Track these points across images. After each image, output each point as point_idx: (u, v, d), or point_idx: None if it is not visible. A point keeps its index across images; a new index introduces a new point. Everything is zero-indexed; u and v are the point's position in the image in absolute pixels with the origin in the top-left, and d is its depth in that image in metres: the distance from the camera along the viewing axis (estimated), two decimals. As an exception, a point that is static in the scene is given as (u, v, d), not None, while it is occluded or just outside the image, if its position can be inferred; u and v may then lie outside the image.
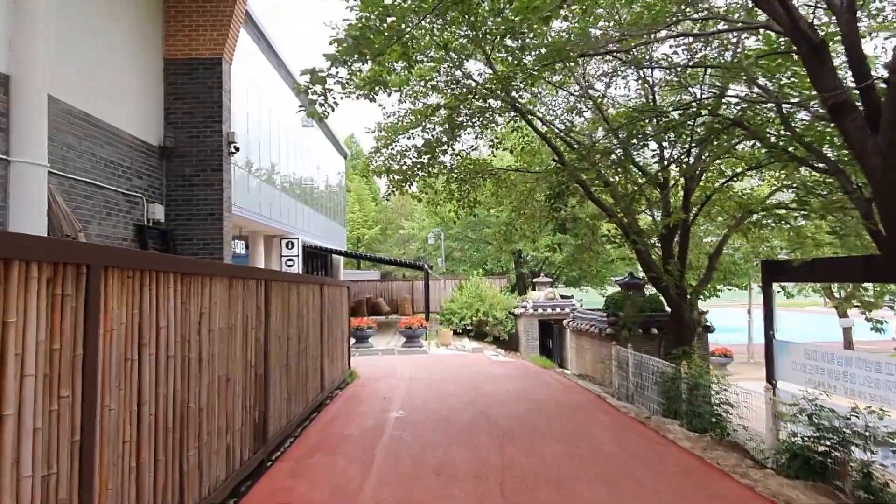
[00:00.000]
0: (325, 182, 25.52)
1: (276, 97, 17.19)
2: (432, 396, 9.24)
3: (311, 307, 8.23)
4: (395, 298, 32.58)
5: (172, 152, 9.10)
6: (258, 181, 15.67)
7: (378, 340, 19.36)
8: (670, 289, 9.99)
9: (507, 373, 11.97)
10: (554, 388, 9.93)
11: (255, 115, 15.19)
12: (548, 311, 20.56)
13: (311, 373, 8.12)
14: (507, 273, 31.38)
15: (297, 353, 7.26)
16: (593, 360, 13.12)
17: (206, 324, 4.34)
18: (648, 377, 10.18)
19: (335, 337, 10.31)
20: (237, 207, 14.02)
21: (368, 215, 39.70)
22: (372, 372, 12.39)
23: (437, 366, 13.43)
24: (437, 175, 12.16)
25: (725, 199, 10.60)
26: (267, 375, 5.89)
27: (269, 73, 16.31)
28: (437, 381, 10.86)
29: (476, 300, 21.18)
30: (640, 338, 11.83)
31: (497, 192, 13.56)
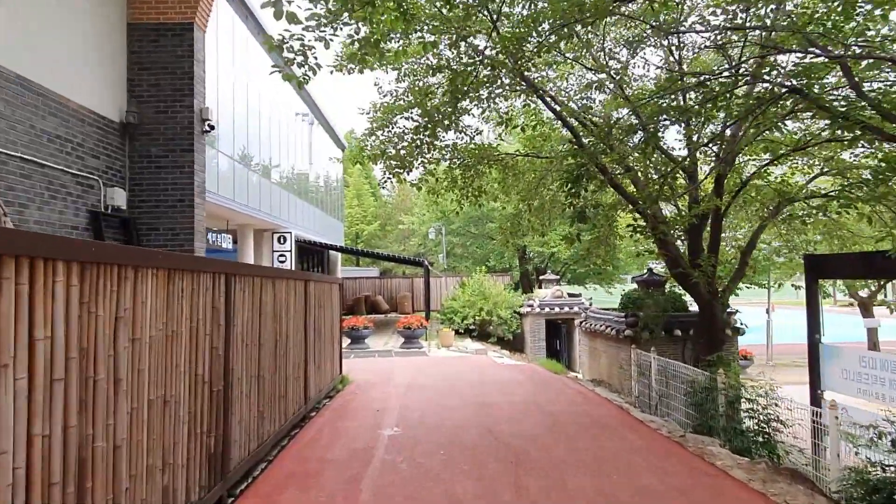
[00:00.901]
0: (321, 175, 24.40)
1: (267, 81, 16.05)
2: (432, 409, 8.13)
3: (293, 307, 7.12)
4: (394, 296, 31.49)
5: (137, 129, 7.98)
6: (245, 169, 14.55)
7: (375, 341, 18.25)
8: (701, 286, 8.86)
9: (515, 378, 10.86)
10: (569, 398, 8.82)
11: (243, 97, 14.05)
12: (555, 310, 19.44)
13: (292, 383, 7.01)
14: (510, 270, 30.26)
15: (272, 361, 6.15)
16: (609, 365, 12.01)
17: (128, 332, 3.22)
18: (675, 385, 9.07)
19: (324, 339, 9.21)
20: (222, 198, 12.91)
21: (368, 211, 38.57)
22: (366, 377, 11.29)
23: (438, 370, 12.33)
24: (438, 161, 11.04)
25: (761, 186, 9.48)
26: (228, 391, 4.78)
27: (258, 52, 15.17)
28: (438, 389, 9.75)
29: (479, 298, 20.06)
30: (662, 340, 10.72)
31: (503, 181, 12.43)
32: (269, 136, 16.55)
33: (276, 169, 17.27)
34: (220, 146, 12.73)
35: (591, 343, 13.14)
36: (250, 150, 15.11)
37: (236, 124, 13.79)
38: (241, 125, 14.17)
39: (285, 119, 18.28)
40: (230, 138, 13.50)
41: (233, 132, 13.57)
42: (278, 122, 17.65)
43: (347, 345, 16.82)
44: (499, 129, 11.80)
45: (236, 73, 13.70)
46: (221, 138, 12.75)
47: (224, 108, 12.88)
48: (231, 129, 13.49)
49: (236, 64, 13.71)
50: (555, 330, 20.08)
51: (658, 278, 12.11)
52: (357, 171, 39.43)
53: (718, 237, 9.36)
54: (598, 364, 12.63)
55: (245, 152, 14.65)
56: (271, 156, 16.83)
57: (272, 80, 16.84)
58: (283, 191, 18.25)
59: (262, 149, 15.93)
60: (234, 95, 13.63)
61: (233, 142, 13.59)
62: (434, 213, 29.19)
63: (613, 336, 11.39)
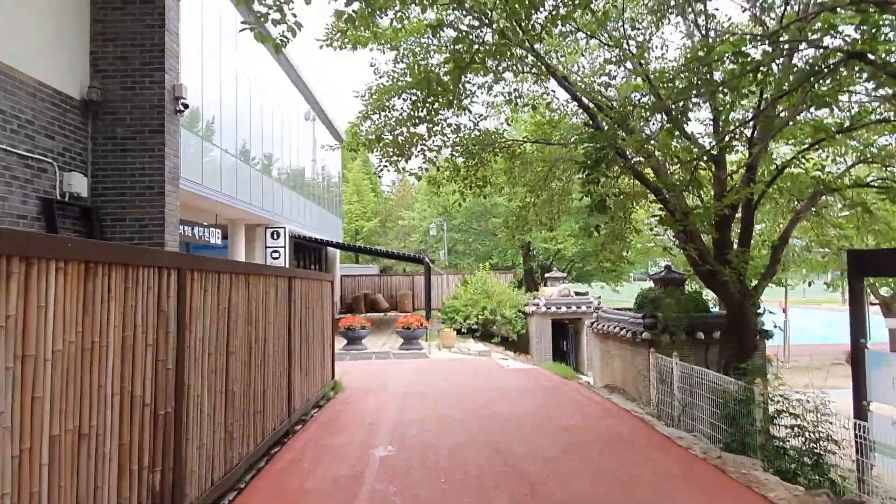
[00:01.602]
0: (318, 169, 23.51)
1: (260, 65, 15.13)
2: (431, 422, 7.25)
3: (274, 307, 6.25)
4: (394, 294, 30.62)
5: (100, 108, 7.09)
6: (235, 160, 13.67)
7: (373, 341, 17.38)
8: (731, 285, 7.97)
9: (523, 385, 9.98)
10: (585, 409, 7.94)
11: (232, 82, 13.17)
12: (562, 309, 18.56)
13: (272, 396, 6.14)
14: (514, 268, 29.38)
15: (245, 372, 5.27)
16: (623, 370, 11.12)
17: (11, 347, 2.36)
18: (701, 395, 8.19)
19: (313, 343, 8.34)
20: (208, 189, 12.03)
21: (367, 207, 37.66)
22: (361, 382, 10.41)
23: (438, 374, 11.45)
24: (439, 149, 10.15)
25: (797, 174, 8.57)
26: (182, 413, 3.91)
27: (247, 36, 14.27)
28: (438, 397, 8.87)
29: (482, 297, 19.18)
30: (683, 344, 9.83)
31: (509, 171, 11.54)
32: (261, 124, 15.67)
33: (269, 161, 16.39)
34: (208, 134, 11.85)
35: (603, 346, 12.26)
36: (241, 140, 14.24)
37: (224, 111, 12.91)
38: (230, 113, 13.29)
39: (280, 110, 17.38)
40: (219, 126, 12.63)
41: (220, 119, 12.69)
42: (271, 113, 16.76)
43: (343, 346, 15.96)
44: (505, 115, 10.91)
45: (223, 54, 12.82)
46: (208, 126, 11.87)
47: (210, 93, 12.01)
48: (219, 116, 12.62)
49: (223, 43, 12.82)
50: (561, 330, 19.21)
51: (677, 276, 11.21)
52: (357, 166, 38.53)
53: (750, 230, 8.47)
54: (612, 368, 11.74)
55: (236, 142, 13.77)
56: (264, 146, 15.95)
57: (266, 66, 15.94)
58: (277, 184, 17.37)
59: (254, 139, 15.05)
60: (222, 80, 12.75)
61: (220, 129, 12.71)
62: (435, 209, 28.29)
63: (629, 339, 10.50)
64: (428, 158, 9.99)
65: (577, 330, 19.01)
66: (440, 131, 9.67)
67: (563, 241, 23.36)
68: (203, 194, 11.65)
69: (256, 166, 15.44)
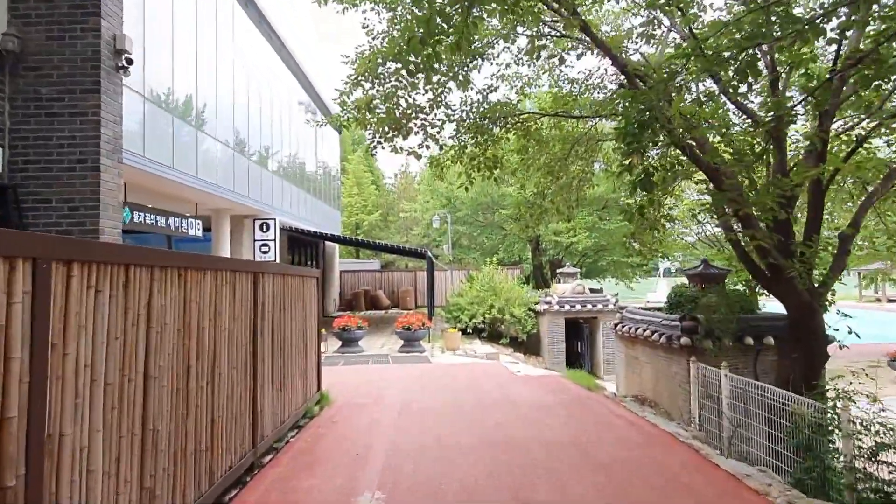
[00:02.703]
0: (313, 157, 22.10)
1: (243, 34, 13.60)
2: (432, 452, 5.85)
3: (230, 312, 4.87)
4: (396, 291, 29.23)
5: (19, 61, 5.69)
6: (214, 141, 12.26)
7: (371, 342, 16.00)
8: (799, 282, 6.52)
9: (540, 398, 8.57)
10: (620, 434, 6.52)
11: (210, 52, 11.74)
12: (576, 307, 17.13)
13: (227, 425, 4.74)
14: (521, 263, 27.94)
15: (180, 401, 3.89)
16: (655, 379, 9.69)
17: None
18: (759, 415, 6.77)
19: (291, 352, 6.95)
20: (181, 174, 10.64)
21: (368, 199, 36.21)
22: (352, 393, 9.03)
23: (442, 383, 10.06)
24: (443, 123, 8.73)
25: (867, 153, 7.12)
26: (42, 483, 2.52)
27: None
28: (441, 415, 7.47)
29: (489, 294, 17.75)
30: (730, 351, 8.40)
31: (523, 151, 10.10)
32: (246, 105, 14.25)
33: (257, 147, 14.98)
34: (182, 111, 10.44)
35: (629, 350, 10.83)
36: (223, 121, 12.84)
37: (202, 87, 11.50)
38: (208, 88, 11.87)
39: (270, 91, 15.93)
40: (196, 103, 11.23)
41: (195, 95, 11.29)
42: (259, 93, 15.33)
43: (337, 348, 14.58)
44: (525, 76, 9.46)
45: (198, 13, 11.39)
46: (184, 103, 10.41)
47: (183, 60, 10.59)
48: (196, 91, 11.21)
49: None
50: (575, 330, 17.78)
51: (716, 271, 9.76)
52: (357, 157, 37.08)
53: (820, 216, 7.03)
54: (640, 377, 10.31)
55: (216, 123, 12.37)
56: (250, 129, 14.53)
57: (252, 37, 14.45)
58: (267, 172, 15.97)
59: (239, 120, 13.64)
60: (199, 43, 11.33)
61: (197, 107, 11.31)
62: (438, 200, 26.82)
63: (663, 344, 9.07)
64: (429, 135, 8.57)
65: (593, 330, 17.58)
66: (442, 101, 8.25)
67: (577, 233, 21.89)
68: (176, 179, 10.26)
69: (242, 151, 14.04)
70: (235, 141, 13.56)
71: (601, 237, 22.75)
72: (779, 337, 8.51)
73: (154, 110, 9.64)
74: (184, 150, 10.75)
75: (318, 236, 21.00)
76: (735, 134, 7.12)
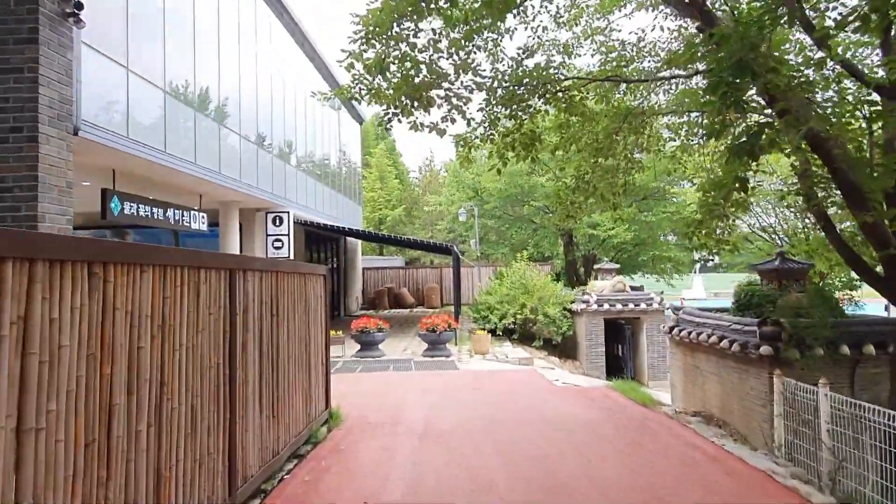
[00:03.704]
0: (333, 149, 20.96)
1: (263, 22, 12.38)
2: (461, 499, 4.53)
3: (194, 322, 3.65)
4: (421, 288, 28.00)
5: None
6: (213, 123, 11.11)
7: (392, 345, 14.76)
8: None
9: (588, 417, 7.19)
10: (700, 472, 5.12)
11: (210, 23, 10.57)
12: (616, 307, 15.63)
13: (189, 476, 3.50)
14: (552, 259, 26.44)
15: (100, 456, 2.65)
16: (723, 394, 8.22)
17: None
18: (875, 447, 5.30)
19: (289, 367, 5.71)
20: (180, 160, 9.51)
21: (392, 194, 35.01)
22: (367, 409, 7.78)
23: (471, 396, 8.75)
24: (471, 91, 7.39)
25: None
26: None
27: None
28: (472, 444, 6.15)
29: (521, 292, 16.36)
30: (821, 362, 6.91)
31: (564, 128, 8.70)
32: (254, 92, 13.09)
33: (267, 132, 13.82)
34: (175, 91, 9.28)
35: (689, 359, 9.36)
36: (227, 104, 11.70)
37: (200, 64, 10.36)
38: (209, 68, 10.72)
39: (281, 73, 14.76)
40: (194, 82, 10.08)
41: (193, 73, 10.14)
42: (269, 74, 14.18)
43: (356, 352, 13.37)
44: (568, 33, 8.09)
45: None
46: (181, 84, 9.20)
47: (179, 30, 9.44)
48: (193, 68, 10.07)
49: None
50: (615, 332, 16.27)
51: (797, 266, 8.23)
52: (380, 150, 35.91)
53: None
54: (703, 390, 8.84)
55: (219, 99, 11.23)
56: (260, 114, 13.38)
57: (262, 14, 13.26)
58: (279, 160, 14.82)
59: (246, 104, 12.48)
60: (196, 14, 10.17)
61: (196, 86, 10.17)
62: (465, 192, 25.41)
63: (735, 353, 7.60)
64: (454, 106, 7.23)
65: (636, 332, 16.06)
66: (470, 65, 6.89)
67: (617, 225, 20.30)
68: (171, 166, 9.13)
69: (252, 139, 12.90)
70: (242, 125, 12.41)
71: (640, 230, 21.13)
72: (880, 345, 6.99)
73: (141, 85, 8.51)
74: (179, 133, 9.61)
75: (338, 231, 19.86)
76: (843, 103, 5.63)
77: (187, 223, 11.38)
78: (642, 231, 21.07)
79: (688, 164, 9.68)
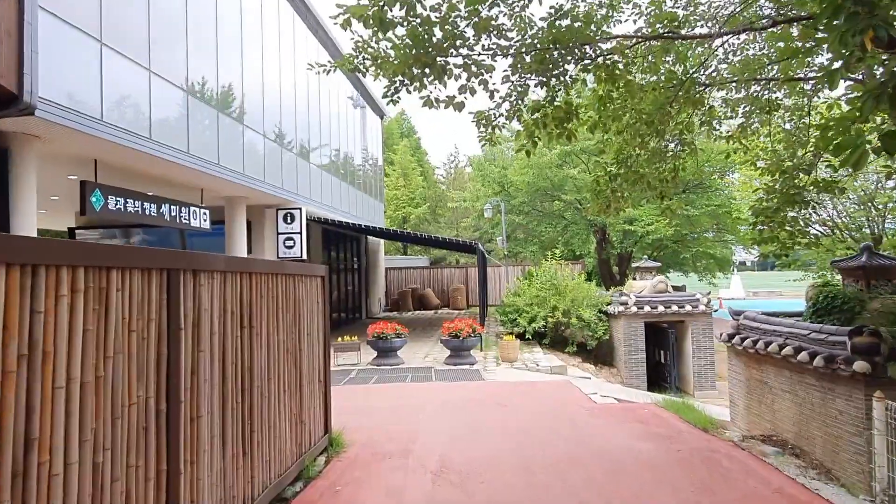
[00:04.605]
0: (351, 143, 19.96)
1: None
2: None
3: (97, 345, 2.56)
4: (446, 289, 26.89)
5: None
6: (213, 112, 10.15)
7: (413, 351, 13.65)
8: None
9: (641, 450, 5.94)
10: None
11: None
12: (658, 308, 14.24)
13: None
14: (583, 258, 25.03)
15: None
16: (800, 416, 6.87)
17: None
18: None
19: (270, 391, 4.62)
20: (176, 152, 8.54)
21: (416, 192, 33.93)
22: (376, 431, 6.66)
23: (498, 416, 7.56)
24: (493, 56, 6.22)
25: None
26: None
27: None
28: (498, 484, 4.97)
29: (551, 293, 15.08)
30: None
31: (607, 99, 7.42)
32: (260, 78, 12.11)
33: (276, 124, 12.83)
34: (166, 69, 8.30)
35: (752, 372, 8.02)
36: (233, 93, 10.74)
37: (196, 39, 9.39)
38: (207, 44, 9.75)
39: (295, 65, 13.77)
40: (188, 68, 9.11)
41: (186, 51, 9.17)
42: (279, 62, 13.20)
43: (372, 359, 12.29)
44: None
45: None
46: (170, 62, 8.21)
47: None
48: (184, 47, 9.10)
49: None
50: (657, 337, 14.87)
51: (890, 263, 6.85)
52: (403, 147, 34.87)
53: None
54: (771, 410, 7.49)
55: (222, 93, 10.26)
56: (265, 100, 12.39)
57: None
58: (291, 153, 13.84)
59: (250, 88, 11.49)
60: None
61: (184, 64, 9.19)
62: (490, 187, 24.13)
63: (818, 368, 6.26)
64: (473, 73, 6.05)
65: (680, 336, 14.64)
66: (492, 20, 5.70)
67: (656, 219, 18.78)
68: (156, 154, 8.15)
69: (257, 128, 11.92)
70: (247, 115, 11.44)
71: (682, 225, 19.58)
72: None
73: (127, 65, 7.54)
74: (170, 120, 8.63)
75: (357, 229, 18.84)
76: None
77: (186, 220, 10.44)
78: (683, 226, 19.53)
79: (750, 144, 8.32)
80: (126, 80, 7.57)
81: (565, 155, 20.74)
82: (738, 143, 8.16)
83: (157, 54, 8.11)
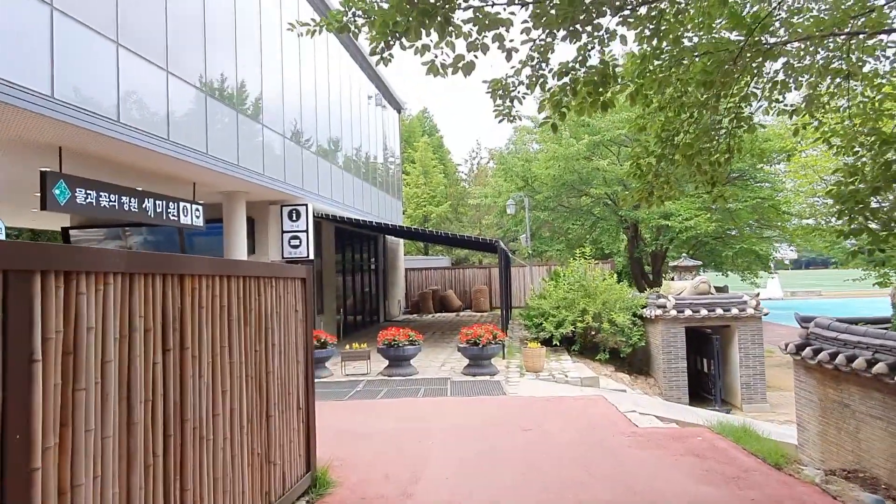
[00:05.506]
0: (365, 136, 18.91)
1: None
2: None
3: None
4: (468, 290, 25.70)
5: None
6: (200, 95, 9.15)
7: (428, 359, 12.51)
8: None
9: (704, 494, 4.69)
10: None
11: None
12: (700, 312, 12.84)
13: None
14: (612, 257, 23.60)
15: None
16: (894, 449, 5.53)
17: None
18: None
19: (224, 428, 3.50)
20: (149, 137, 7.54)
21: (436, 190, 32.80)
22: (373, 467, 5.52)
23: (521, 443, 6.36)
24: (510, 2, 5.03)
25: None
26: None
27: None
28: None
29: (580, 295, 13.79)
30: None
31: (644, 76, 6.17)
32: (258, 58, 11.09)
33: (277, 111, 11.80)
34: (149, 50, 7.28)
35: (828, 391, 6.67)
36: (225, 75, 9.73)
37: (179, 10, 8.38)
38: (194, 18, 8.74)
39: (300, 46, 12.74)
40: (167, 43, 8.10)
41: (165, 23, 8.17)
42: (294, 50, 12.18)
43: (383, 369, 11.18)
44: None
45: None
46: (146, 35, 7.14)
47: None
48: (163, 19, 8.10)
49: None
50: (699, 343, 13.47)
51: None
52: (423, 144, 33.77)
53: None
54: (854, 439, 6.15)
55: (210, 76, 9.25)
56: (265, 85, 11.37)
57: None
58: (293, 144, 12.81)
59: (249, 77, 10.47)
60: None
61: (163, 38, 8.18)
62: (513, 182, 22.83)
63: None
64: (485, 27, 4.88)
65: (726, 343, 13.21)
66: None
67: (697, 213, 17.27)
68: (125, 139, 7.15)
69: (254, 115, 10.90)
70: (243, 99, 10.42)
71: (723, 220, 18.00)
72: None
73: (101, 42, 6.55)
74: (144, 102, 7.63)
75: (372, 227, 17.77)
76: None
77: (175, 217, 9.46)
78: (725, 221, 17.98)
79: (823, 118, 6.96)
80: (88, 54, 6.57)
81: (594, 146, 19.38)
82: (807, 118, 6.81)
83: (126, 20, 7.09)
